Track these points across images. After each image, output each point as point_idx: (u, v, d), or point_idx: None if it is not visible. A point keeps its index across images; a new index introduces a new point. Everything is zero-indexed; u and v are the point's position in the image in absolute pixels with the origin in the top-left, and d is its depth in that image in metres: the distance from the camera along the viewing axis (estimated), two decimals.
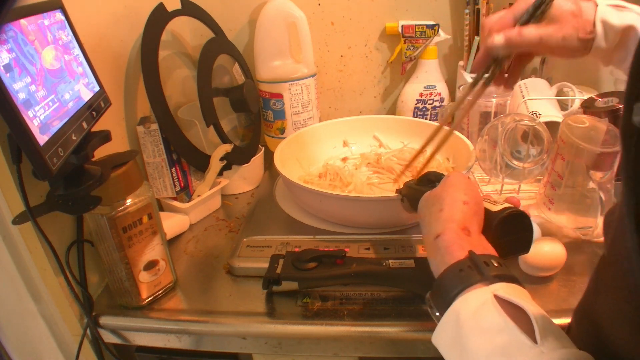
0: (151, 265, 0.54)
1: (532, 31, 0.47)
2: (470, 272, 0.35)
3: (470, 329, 0.33)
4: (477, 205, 0.42)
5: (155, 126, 0.68)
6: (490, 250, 0.38)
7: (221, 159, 0.74)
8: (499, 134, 0.68)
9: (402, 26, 0.89)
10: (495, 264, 0.35)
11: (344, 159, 0.84)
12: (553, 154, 0.64)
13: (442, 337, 0.35)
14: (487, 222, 0.42)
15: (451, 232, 0.39)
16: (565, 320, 0.43)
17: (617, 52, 0.48)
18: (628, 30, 0.47)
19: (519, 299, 0.33)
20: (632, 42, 0.47)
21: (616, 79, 0.83)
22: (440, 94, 0.91)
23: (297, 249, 0.59)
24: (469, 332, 0.32)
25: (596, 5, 0.48)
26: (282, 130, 0.91)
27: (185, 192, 0.75)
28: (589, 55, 0.49)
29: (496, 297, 0.33)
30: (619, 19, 0.47)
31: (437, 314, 0.36)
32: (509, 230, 0.42)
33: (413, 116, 0.92)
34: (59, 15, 0.47)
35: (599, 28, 0.47)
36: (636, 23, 0.47)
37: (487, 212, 0.43)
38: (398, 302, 0.53)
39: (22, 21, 0.40)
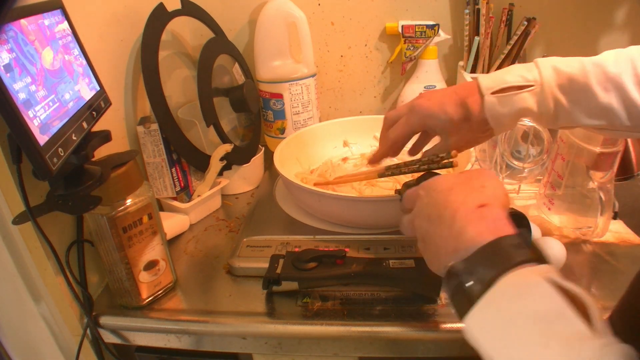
0: (151, 265, 0.54)
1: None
2: (525, 250, 0.32)
3: (521, 310, 0.29)
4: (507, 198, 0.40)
5: (155, 126, 0.68)
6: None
7: (221, 159, 0.74)
8: None
9: (402, 26, 0.89)
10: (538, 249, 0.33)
11: (344, 159, 0.84)
12: (553, 154, 0.64)
13: (480, 320, 0.31)
14: None
15: (499, 208, 0.36)
16: None
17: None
18: (523, 112, 0.48)
19: (568, 283, 0.30)
20: (530, 114, 0.48)
21: None
22: None
23: (297, 249, 0.59)
24: (520, 314, 0.29)
25: (482, 98, 0.49)
26: (282, 130, 0.91)
27: (185, 192, 0.75)
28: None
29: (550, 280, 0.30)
30: (506, 107, 0.48)
31: (471, 283, 0.32)
32: None
33: None
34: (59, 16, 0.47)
35: (493, 123, 0.49)
36: (527, 103, 0.47)
37: None
38: (398, 302, 0.53)
39: (22, 21, 0.40)
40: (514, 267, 0.31)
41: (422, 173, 0.51)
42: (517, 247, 0.32)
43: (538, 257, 0.32)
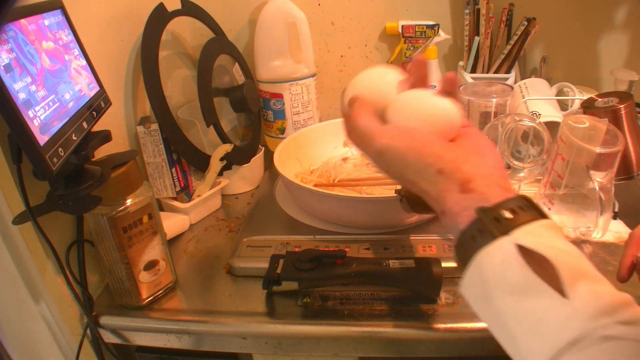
0: (151, 265, 0.54)
1: None
2: (483, 238, 0.32)
3: (496, 286, 0.31)
4: (462, 141, 0.40)
5: (155, 126, 0.68)
6: (503, 188, 0.35)
7: (221, 159, 0.74)
8: (499, 134, 0.68)
9: (402, 26, 0.89)
10: (508, 215, 0.32)
11: (345, 159, 0.84)
12: (553, 154, 0.64)
13: (469, 291, 0.34)
14: None
15: (451, 199, 0.36)
16: None
17: None
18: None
19: (543, 244, 0.30)
20: None
21: (616, 79, 0.83)
22: None
23: (297, 249, 0.59)
24: (496, 290, 0.31)
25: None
26: (282, 130, 0.91)
27: (185, 192, 0.75)
28: None
29: (520, 247, 0.30)
30: None
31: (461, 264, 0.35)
32: None
33: None
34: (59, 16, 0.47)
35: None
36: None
37: None
38: (398, 302, 0.53)
39: (23, 21, 0.40)
40: (482, 248, 0.32)
41: None
42: (478, 235, 0.33)
43: (501, 231, 0.32)
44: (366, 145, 0.41)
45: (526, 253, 0.30)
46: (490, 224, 0.32)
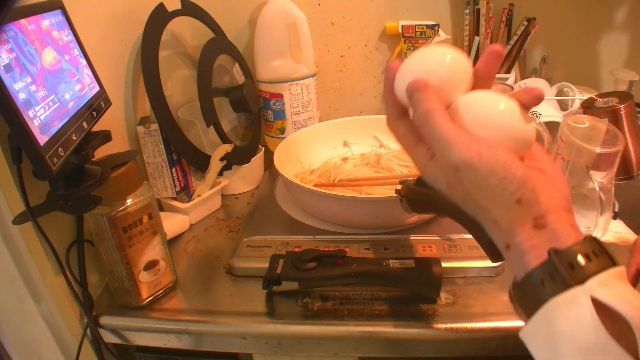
0: (151, 265, 0.54)
1: None
2: (554, 284, 0.30)
3: (568, 344, 0.28)
4: (541, 174, 0.35)
5: (155, 126, 0.68)
6: (573, 226, 0.32)
7: (221, 159, 0.74)
8: None
9: (402, 26, 0.89)
10: (582, 261, 0.30)
11: (345, 159, 0.84)
12: (553, 154, 0.64)
13: (533, 338, 0.31)
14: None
15: (523, 233, 0.32)
16: None
17: None
18: None
19: (619, 298, 0.28)
20: None
21: (616, 79, 0.83)
22: None
23: (297, 249, 0.59)
24: (567, 347, 0.28)
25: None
26: (282, 130, 0.91)
27: (185, 192, 0.75)
28: None
29: (594, 301, 0.28)
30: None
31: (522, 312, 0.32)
32: None
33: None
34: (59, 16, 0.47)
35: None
36: None
37: None
38: (398, 302, 0.53)
39: (23, 21, 0.40)
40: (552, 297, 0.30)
41: None
42: (548, 281, 0.30)
43: (574, 280, 0.29)
44: (439, 153, 0.34)
45: (599, 306, 0.28)
46: (563, 270, 0.29)
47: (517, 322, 0.50)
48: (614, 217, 0.64)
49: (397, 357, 0.53)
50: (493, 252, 0.41)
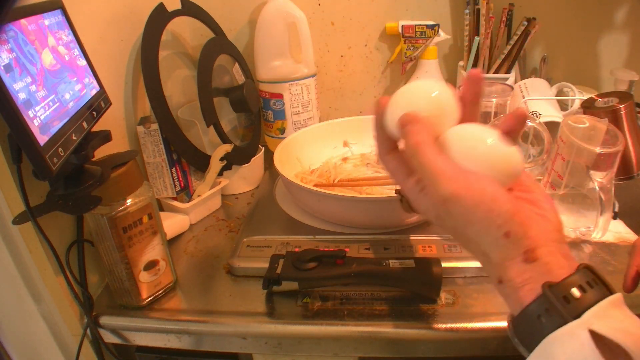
0: (151, 265, 0.54)
1: None
2: (550, 319, 0.30)
3: None
4: (517, 207, 0.33)
5: (155, 126, 0.68)
6: (566, 257, 0.32)
7: (221, 159, 0.74)
8: None
9: (402, 26, 0.89)
10: (577, 294, 0.30)
11: (345, 159, 0.84)
12: (553, 154, 0.64)
13: None
14: None
15: (513, 268, 0.32)
16: None
17: None
18: None
19: (618, 329, 0.28)
20: None
21: (616, 79, 0.83)
22: None
23: (297, 249, 0.59)
24: None
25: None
26: (282, 130, 0.91)
27: (185, 192, 0.75)
28: None
29: (592, 333, 0.28)
30: None
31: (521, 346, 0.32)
32: None
33: None
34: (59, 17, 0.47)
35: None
36: None
37: None
38: (398, 302, 0.53)
39: (23, 21, 0.40)
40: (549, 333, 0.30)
41: None
42: (545, 316, 0.30)
43: (571, 314, 0.29)
44: (428, 185, 0.35)
45: (597, 337, 0.28)
46: (558, 304, 0.29)
47: None
48: (614, 217, 0.64)
49: (397, 357, 0.53)
50: None
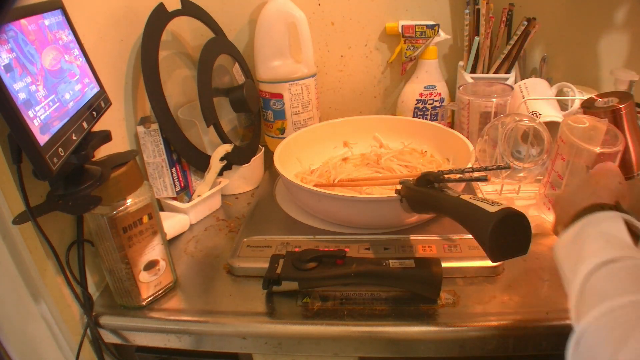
0: (151, 265, 0.54)
1: None
2: (610, 207, 0.43)
3: (592, 226, 0.42)
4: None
5: (155, 126, 0.68)
6: None
7: (221, 159, 0.74)
8: (499, 134, 0.68)
9: (402, 26, 0.89)
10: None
11: (345, 159, 0.84)
12: (553, 154, 0.64)
13: (563, 239, 0.44)
14: (484, 223, 0.42)
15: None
16: (566, 321, 0.42)
17: None
18: None
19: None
20: None
21: (616, 79, 0.83)
22: (440, 94, 0.91)
23: (297, 249, 0.59)
24: (590, 229, 0.42)
25: None
26: (282, 130, 0.91)
27: (185, 192, 0.75)
28: None
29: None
30: None
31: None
32: (507, 232, 0.42)
33: (413, 116, 0.92)
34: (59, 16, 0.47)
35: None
36: None
37: (485, 212, 0.43)
38: (398, 302, 0.53)
39: (23, 21, 0.40)
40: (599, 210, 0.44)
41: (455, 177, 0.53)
42: (607, 207, 0.44)
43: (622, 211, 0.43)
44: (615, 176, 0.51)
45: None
46: (622, 211, 0.44)
47: (517, 322, 0.50)
48: None
49: (397, 357, 0.53)
50: (492, 252, 0.41)
